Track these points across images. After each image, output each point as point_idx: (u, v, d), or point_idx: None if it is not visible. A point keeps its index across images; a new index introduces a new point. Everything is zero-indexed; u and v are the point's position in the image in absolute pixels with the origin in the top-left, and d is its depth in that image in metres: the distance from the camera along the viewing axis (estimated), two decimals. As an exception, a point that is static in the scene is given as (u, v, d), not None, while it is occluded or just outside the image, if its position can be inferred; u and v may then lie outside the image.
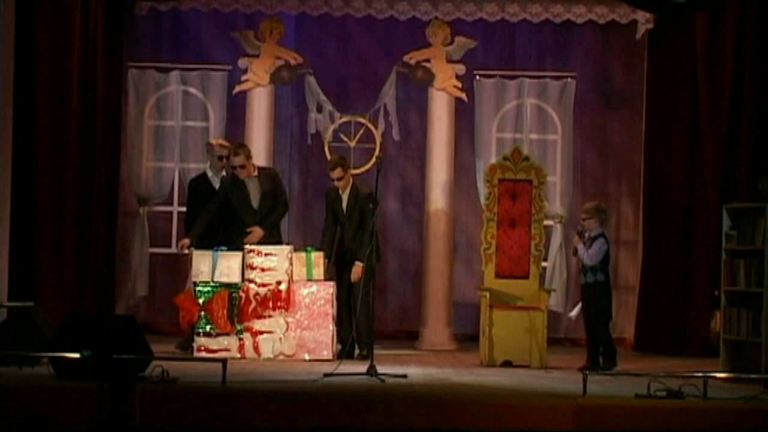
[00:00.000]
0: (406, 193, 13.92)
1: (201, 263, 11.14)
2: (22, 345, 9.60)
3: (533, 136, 13.28)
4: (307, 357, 11.05)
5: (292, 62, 13.10)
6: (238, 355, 10.99)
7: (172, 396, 8.40)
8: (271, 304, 11.10)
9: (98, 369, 8.36)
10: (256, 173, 11.48)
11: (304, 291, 11.15)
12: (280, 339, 11.08)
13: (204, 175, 11.87)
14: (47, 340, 9.47)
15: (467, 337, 13.10)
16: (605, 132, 13.84)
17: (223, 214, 11.49)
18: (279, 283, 11.10)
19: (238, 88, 13.09)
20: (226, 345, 11.05)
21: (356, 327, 11.18)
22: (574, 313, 11.47)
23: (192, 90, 13.32)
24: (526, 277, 11.53)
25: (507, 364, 11.14)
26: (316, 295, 11.15)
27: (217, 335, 11.06)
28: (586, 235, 11.00)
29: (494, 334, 11.16)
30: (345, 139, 13.22)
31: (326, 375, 9.54)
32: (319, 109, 13.16)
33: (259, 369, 10.16)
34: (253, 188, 11.44)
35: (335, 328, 11.21)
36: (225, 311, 11.08)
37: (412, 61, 13.03)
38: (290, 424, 8.30)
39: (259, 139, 12.88)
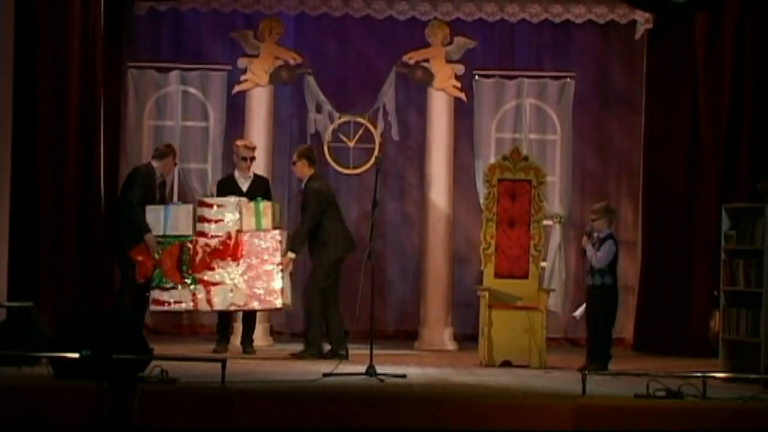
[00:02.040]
0: (406, 193, 13.92)
1: (153, 217, 11.21)
2: (22, 345, 9.60)
3: (532, 136, 13.28)
4: (257, 306, 11.22)
5: (292, 62, 13.10)
6: (191, 307, 11.19)
7: (171, 396, 8.41)
8: (221, 256, 11.16)
9: (98, 369, 8.35)
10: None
11: (254, 241, 11.19)
12: (231, 290, 11.15)
13: (231, 176, 11.90)
14: (46, 340, 9.47)
15: (466, 337, 13.11)
16: (604, 132, 13.85)
17: None
18: (229, 234, 11.17)
19: (237, 88, 13.09)
20: (178, 297, 11.16)
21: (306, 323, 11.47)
22: (578, 312, 11.45)
23: (191, 90, 13.32)
24: (525, 277, 11.53)
25: (506, 364, 11.14)
26: (265, 245, 11.18)
27: (171, 288, 11.15)
28: (595, 236, 10.98)
29: (493, 334, 11.16)
30: (344, 139, 13.23)
31: (325, 375, 9.55)
32: (319, 109, 13.16)
33: (259, 369, 10.17)
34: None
35: (287, 277, 11.28)
36: (175, 263, 11.14)
37: (412, 61, 13.03)
38: (289, 424, 8.30)
39: (258, 139, 12.87)
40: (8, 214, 10.87)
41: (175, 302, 11.18)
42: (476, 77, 13.28)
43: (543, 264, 12.30)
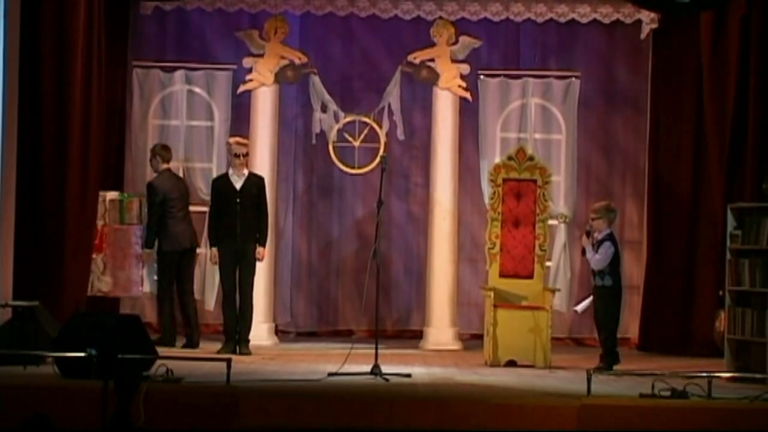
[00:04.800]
0: (411, 192, 13.92)
1: None
2: (27, 344, 9.63)
3: (537, 135, 13.26)
4: (120, 293, 12.08)
5: (297, 62, 13.09)
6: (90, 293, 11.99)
7: (176, 395, 8.42)
8: (94, 247, 12.00)
9: (103, 368, 8.38)
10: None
11: (118, 234, 12.07)
12: (98, 278, 11.97)
13: (225, 175, 11.91)
14: (52, 339, 9.50)
15: (471, 337, 13.12)
16: (610, 132, 13.83)
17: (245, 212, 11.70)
18: (99, 228, 12.02)
19: (242, 88, 13.09)
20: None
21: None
22: (580, 307, 11.42)
23: (197, 89, 13.31)
24: (530, 276, 11.53)
25: (511, 363, 11.14)
26: (127, 238, 11.98)
27: None
28: (594, 236, 10.97)
29: (498, 333, 11.16)
30: (349, 138, 13.21)
31: (330, 374, 9.56)
32: (324, 109, 13.15)
33: (264, 368, 10.18)
34: None
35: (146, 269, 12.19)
36: None
37: (417, 61, 13.02)
38: (294, 424, 8.31)
39: (263, 139, 12.89)
40: (14, 213, 10.88)
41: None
42: (481, 77, 13.27)
43: (548, 264, 12.29)
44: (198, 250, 12.89)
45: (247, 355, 11.35)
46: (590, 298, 11.15)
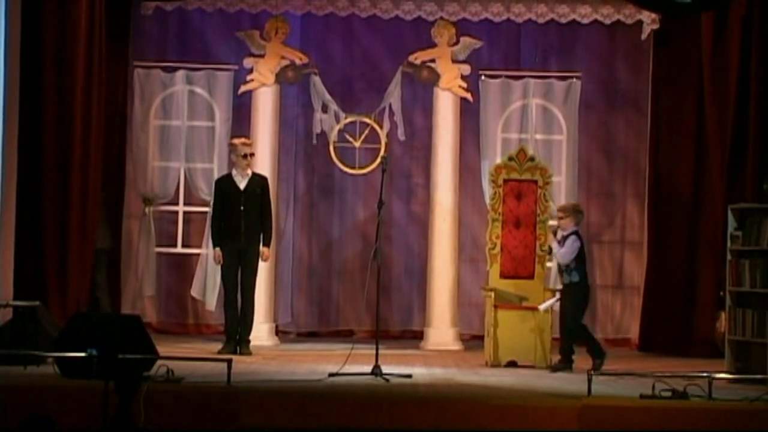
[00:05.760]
0: (411, 193, 13.92)
1: None
2: (28, 344, 9.63)
3: (538, 136, 13.27)
4: None
5: (298, 62, 13.10)
6: None
7: (177, 395, 8.42)
8: None
9: (103, 368, 8.37)
10: None
11: None
12: None
13: (228, 175, 11.89)
14: (53, 339, 9.50)
15: (472, 338, 13.12)
16: (610, 132, 13.83)
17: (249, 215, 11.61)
18: None
19: (243, 88, 13.09)
20: None
21: None
22: (543, 306, 11.30)
23: (198, 90, 13.32)
24: (530, 277, 11.53)
25: (512, 364, 11.14)
26: None
27: None
28: (560, 234, 11.02)
29: (499, 334, 11.16)
30: (350, 139, 13.21)
31: (331, 375, 9.56)
32: (325, 109, 13.15)
33: (264, 368, 10.19)
34: None
35: None
36: None
37: (418, 61, 13.02)
38: (295, 424, 8.31)
39: (264, 139, 12.89)
40: (15, 214, 10.89)
41: None
42: (482, 77, 13.27)
43: (549, 264, 12.29)
44: (200, 251, 12.92)
45: (247, 356, 11.35)
46: (555, 298, 11.16)
